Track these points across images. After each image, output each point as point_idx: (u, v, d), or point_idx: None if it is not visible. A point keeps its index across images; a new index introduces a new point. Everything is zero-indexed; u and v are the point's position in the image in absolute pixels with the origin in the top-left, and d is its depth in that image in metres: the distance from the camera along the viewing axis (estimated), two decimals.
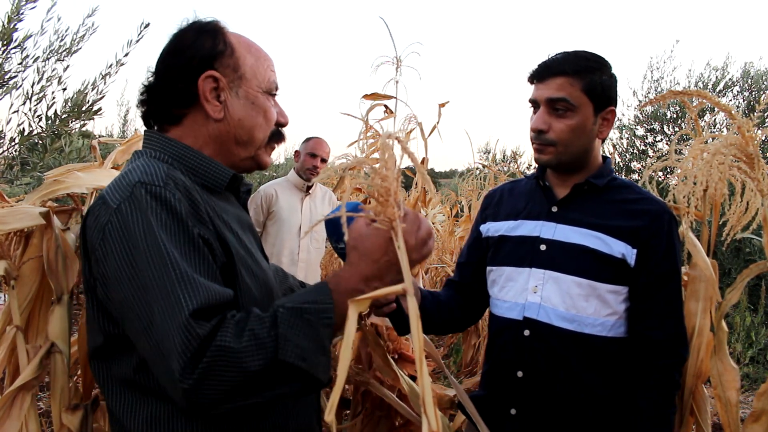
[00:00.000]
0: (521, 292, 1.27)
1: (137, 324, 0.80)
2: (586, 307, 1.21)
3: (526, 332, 1.25)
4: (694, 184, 1.32)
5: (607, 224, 1.22)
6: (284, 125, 1.06)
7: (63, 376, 1.03)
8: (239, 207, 1.07)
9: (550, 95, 1.21)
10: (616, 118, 1.29)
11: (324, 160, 3.28)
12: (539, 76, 1.25)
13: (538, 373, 1.25)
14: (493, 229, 1.38)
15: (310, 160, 3.24)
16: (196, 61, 0.94)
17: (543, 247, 1.26)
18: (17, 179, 2.72)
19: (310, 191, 3.31)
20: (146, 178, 0.85)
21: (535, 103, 1.26)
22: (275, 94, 1.03)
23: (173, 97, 0.95)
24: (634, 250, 1.20)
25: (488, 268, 1.38)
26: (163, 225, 0.81)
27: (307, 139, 3.32)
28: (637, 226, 1.21)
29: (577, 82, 1.20)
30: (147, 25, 2.49)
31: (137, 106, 1.01)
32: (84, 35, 2.68)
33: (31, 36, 2.47)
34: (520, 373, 1.26)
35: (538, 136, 1.25)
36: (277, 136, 1.04)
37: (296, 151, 3.39)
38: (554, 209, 1.29)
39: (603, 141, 1.31)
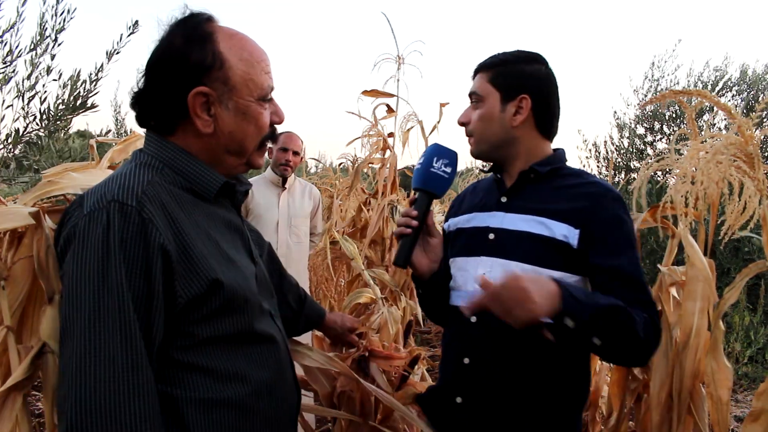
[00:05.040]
0: (470, 280, 1.28)
1: (64, 347, 0.83)
2: None
3: (473, 319, 1.26)
4: (692, 183, 1.31)
5: (550, 208, 1.23)
6: (279, 123, 1.04)
7: (55, 376, 1.03)
8: (232, 210, 1.07)
9: (469, 91, 1.31)
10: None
11: (296, 153, 3.28)
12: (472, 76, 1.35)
13: (483, 360, 1.25)
14: (453, 223, 1.41)
15: (282, 155, 3.24)
16: (185, 75, 0.92)
17: (492, 236, 1.28)
18: (15, 178, 2.72)
19: (287, 185, 3.31)
20: (120, 196, 0.86)
21: None
22: (270, 99, 1.01)
23: (165, 109, 0.96)
24: (577, 231, 1.19)
25: (449, 261, 1.40)
26: (116, 252, 0.83)
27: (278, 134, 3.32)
28: (578, 207, 1.21)
29: (486, 75, 1.28)
30: (135, 23, 2.56)
31: (131, 107, 1.00)
32: (63, 22, 2.63)
33: (13, 26, 2.45)
34: (466, 360, 1.27)
35: (465, 129, 1.33)
36: (269, 138, 1.03)
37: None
38: (503, 199, 1.31)
39: (544, 132, 1.29)
